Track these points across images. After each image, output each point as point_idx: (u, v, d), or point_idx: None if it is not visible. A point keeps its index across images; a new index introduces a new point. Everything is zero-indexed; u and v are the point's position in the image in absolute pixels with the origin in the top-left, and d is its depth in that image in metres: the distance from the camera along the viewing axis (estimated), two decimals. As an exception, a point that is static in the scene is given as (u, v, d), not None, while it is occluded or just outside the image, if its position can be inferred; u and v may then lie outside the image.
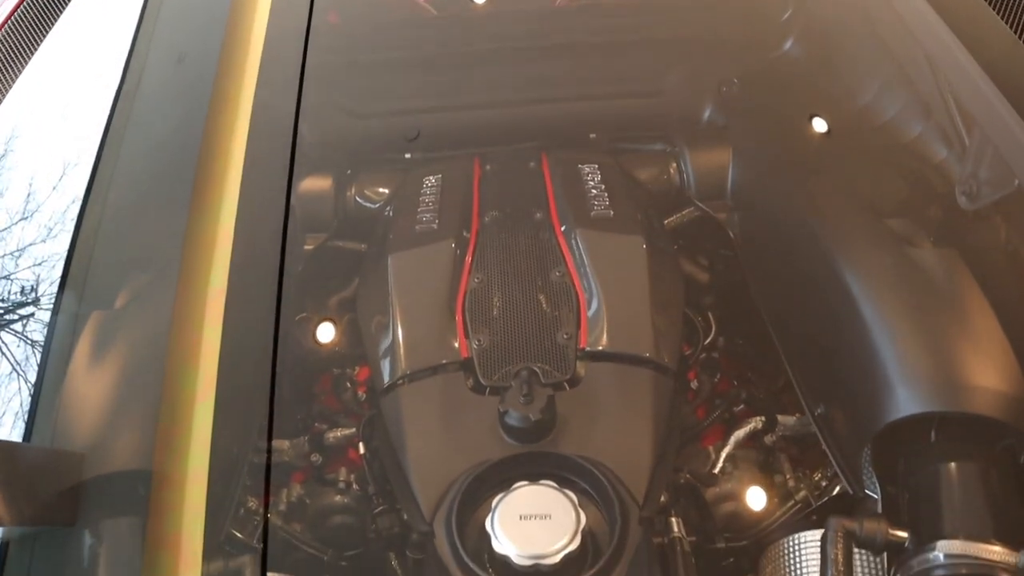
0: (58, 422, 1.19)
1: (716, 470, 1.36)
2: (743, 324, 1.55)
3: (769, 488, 1.37)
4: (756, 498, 1.37)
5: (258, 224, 1.47)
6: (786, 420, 1.40)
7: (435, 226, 1.49)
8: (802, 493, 1.33)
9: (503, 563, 1.06)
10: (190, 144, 1.55)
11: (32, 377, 1.27)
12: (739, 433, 1.38)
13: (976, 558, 0.99)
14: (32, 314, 1.41)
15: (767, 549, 1.25)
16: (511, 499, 1.09)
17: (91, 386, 1.24)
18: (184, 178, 1.50)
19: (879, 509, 1.15)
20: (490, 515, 1.08)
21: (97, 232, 1.45)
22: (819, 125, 1.59)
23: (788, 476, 1.35)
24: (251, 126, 1.57)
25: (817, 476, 1.34)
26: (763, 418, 1.39)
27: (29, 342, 1.37)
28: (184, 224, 1.43)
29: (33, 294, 1.45)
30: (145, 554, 1.11)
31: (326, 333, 1.55)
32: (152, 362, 1.25)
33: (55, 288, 1.39)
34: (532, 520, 1.07)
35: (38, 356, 1.30)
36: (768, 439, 1.39)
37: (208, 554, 1.11)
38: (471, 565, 1.05)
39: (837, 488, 1.30)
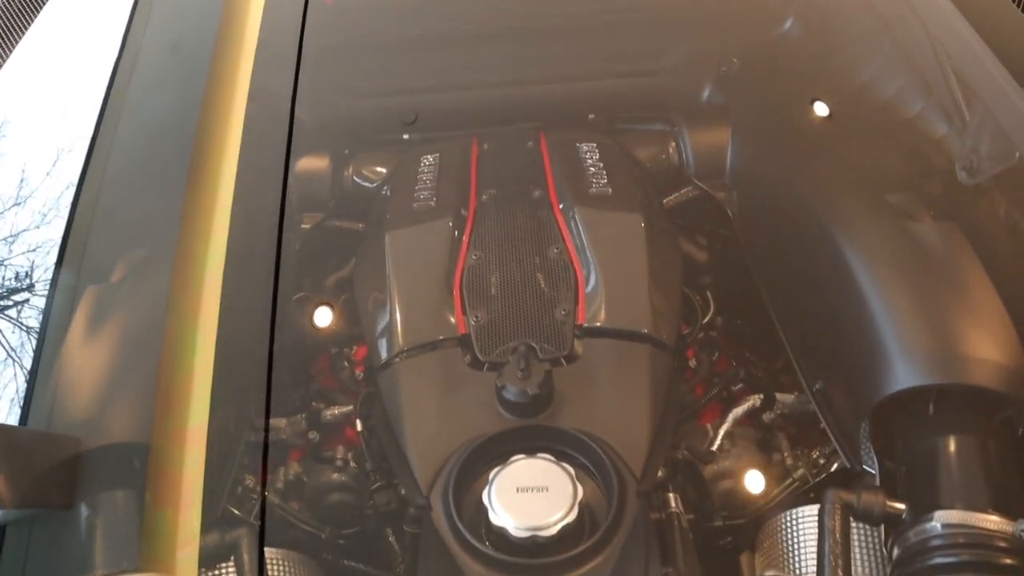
0: (56, 399, 1.18)
1: (714, 447, 1.36)
2: (742, 303, 1.55)
3: (767, 466, 1.37)
4: (754, 476, 1.37)
5: (255, 203, 1.47)
6: (784, 398, 1.40)
7: (432, 204, 1.48)
8: (800, 471, 1.33)
9: (500, 535, 1.06)
10: (187, 124, 1.55)
11: (30, 354, 1.27)
12: (737, 411, 1.38)
13: (973, 527, 0.99)
14: (29, 294, 1.41)
15: (765, 524, 1.25)
16: (508, 472, 1.09)
17: (89, 363, 1.24)
18: (181, 158, 1.50)
19: (877, 484, 1.15)
20: (487, 488, 1.07)
21: (93, 214, 1.45)
22: (819, 104, 1.58)
23: (786, 454, 1.35)
24: (248, 106, 1.56)
25: (815, 454, 1.34)
26: (761, 396, 1.39)
27: (27, 319, 1.37)
28: (180, 204, 1.43)
29: (28, 277, 1.45)
30: (142, 532, 1.11)
31: (323, 312, 1.55)
32: (150, 340, 1.25)
33: (50, 273, 1.39)
34: (529, 492, 1.07)
35: (35, 334, 1.30)
36: (766, 417, 1.39)
37: (206, 531, 1.11)
38: (468, 537, 1.05)
39: (835, 465, 1.30)
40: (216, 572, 1.11)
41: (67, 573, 1.04)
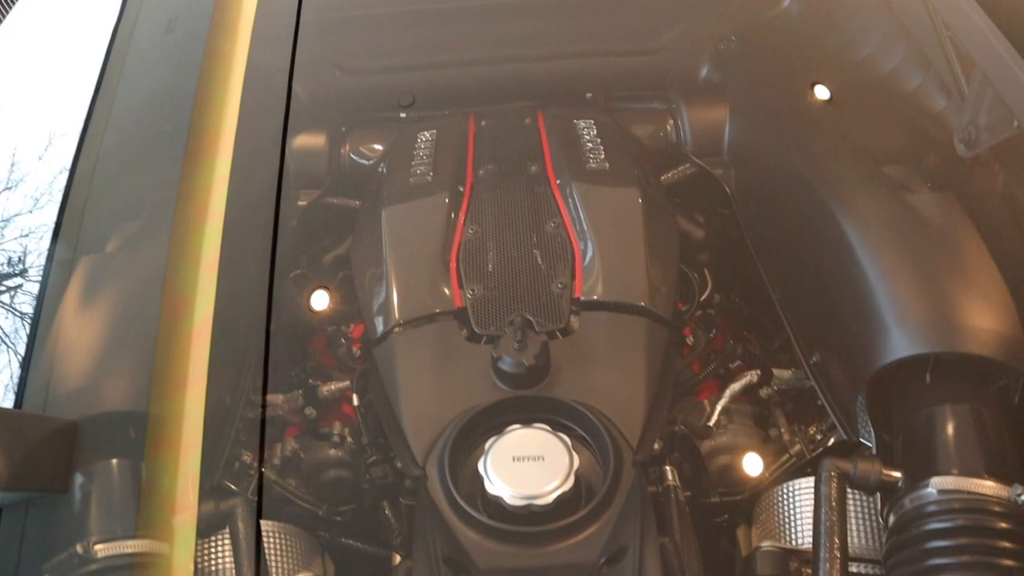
0: (54, 369, 1.18)
1: (711, 423, 1.36)
2: (739, 280, 1.54)
3: (764, 442, 1.37)
4: (751, 451, 1.37)
5: (252, 180, 1.47)
6: (782, 374, 1.40)
7: (429, 179, 1.48)
8: (797, 447, 1.33)
9: (496, 504, 1.06)
10: (183, 100, 1.54)
11: (26, 327, 1.26)
12: (734, 386, 1.38)
13: (969, 493, 0.98)
14: (26, 267, 1.41)
15: (761, 497, 1.25)
16: (504, 441, 1.09)
17: (87, 334, 1.24)
18: (177, 135, 1.50)
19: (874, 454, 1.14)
20: (483, 457, 1.07)
21: (88, 190, 1.45)
22: (817, 80, 1.58)
23: (783, 430, 1.35)
24: (245, 82, 1.56)
25: (812, 430, 1.34)
26: (758, 372, 1.39)
27: (25, 293, 1.37)
28: (177, 180, 1.43)
29: (24, 252, 1.45)
30: (139, 501, 1.11)
31: (320, 290, 1.55)
32: (147, 311, 1.25)
33: (46, 247, 1.39)
34: (525, 462, 1.07)
35: (32, 307, 1.30)
36: (763, 392, 1.39)
37: (203, 501, 1.11)
38: (463, 505, 1.05)
39: (832, 441, 1.30)
40: (212, 541, 1.12)
41: (64, 542, 1.04)
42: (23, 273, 1.40)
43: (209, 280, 1.31)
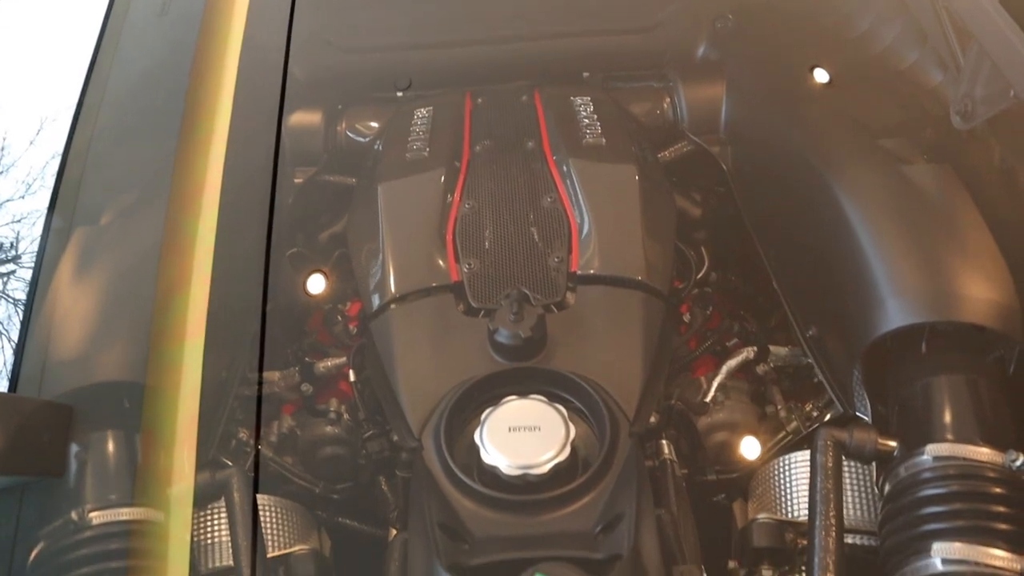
0: (51, 339, 1.18)
1: (707, 399, 1.36)
2: (736, 257, 1.54)
3: (760, 418, 1.38)
4: (747, 428, 1.37)
5: (248, 157, 1.46)
6: (778, 351, 1.40)
7: (425, 154, 1.48)
8: (793, 424, 1.33)
9: (492, 474, 1.05)
10: (179, 77, 1.54)
11: (22, 296, 1.27)
12: (731, 363, 1.38)
13: (964, 459, 0.99)
14: (21, 239, 1.41)
15: (758, 471, 1.25)
16: (500, 412, 1.08)
17: (84, 305, 1.24)
18: (173, 111, 1.49)
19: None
20: (479, 427, 1.07)
21: (84, 166, 1.44)
22: (814, 57, 1.58)
23: (780, 407, 1.35)
24: (241, 60, 1.55)
25: (808, 407, 1.34)
26: (755, 348, 1.39)
27: (21, 266, 1.37)
28: (173, 157, 1.42)
29: (19, 225, 1.45)
30: (136, 471, 1.11)
31: (316, 269, 1.54)
32: (144, 282, 1.25)
33: (41, 222, 1.39)
34: (521, 432, 1.06)
35: (28, 277, 1.30)
36: (760, 369, 1.39)
37: (200, 474, 1.11)
38: (458, 474, 1.05)
39: (828, 417, 1.30)
40: (209, 513, 1.12)
41: (61, 515, 1.04)
42: (17, 246, 1.40)
43: (205, 256, 1.31)
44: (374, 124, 1.66)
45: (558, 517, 1.02)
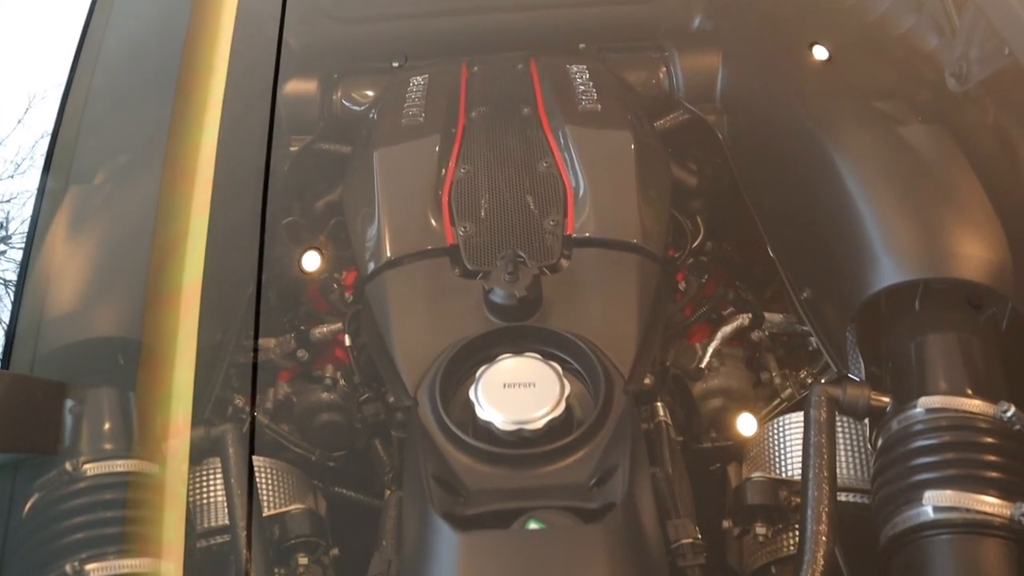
0: (48, 295, 1.18)
1: (703, 365, 1.37)
2: (732, 227, 1.54)
3: (755, 385, 1.38)
4: (742, 394, 1.37)
5: (243, 125, 1.46)
6: (773, 318, 1.40)
7: (421, 120, 1.48)
8: (788, 390, 1.34)
9: (487, 430, 1.06)
10: (173, 43, 1.53)
11: (17, 256, 1.27)
12: (726, 329, 1.39)
13: (956, 410, 0.99)
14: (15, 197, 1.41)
15: (752, 435, 1.26)
16: (495, 369, 1.09)
17: (80, 264, 1.24)
18: (167, 78, 1.48)
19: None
20: (474, 384, 1.07)
21: (79, 128, 1.44)
22: (810, 25, 1.57)
23: (774, 374, 1.36)
24: (236, 27, 1.55)
25: (803, 374, 1.35)
26: (750, 315, 1.39)
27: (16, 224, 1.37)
28: (168, 123, 1.42)
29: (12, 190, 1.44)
30: (132, 425, 1.12)
31: (312, 237, 1.54)
32: (140, 242, 1.25)
33: (35, 185, 1.38)
34: (516, 388, 1.07)
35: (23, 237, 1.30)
36: (755, 336, 1.40)
37: (195, 429, 1.11)
38: (453, 429, 1.05)
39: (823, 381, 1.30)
40: (203, 469, 1.12)
41: (56, 464, 1.04)
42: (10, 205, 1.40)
43: (201, 220, 1.30)
44: (370, 93, 1.66)
45: (552, 470, 1.03)
